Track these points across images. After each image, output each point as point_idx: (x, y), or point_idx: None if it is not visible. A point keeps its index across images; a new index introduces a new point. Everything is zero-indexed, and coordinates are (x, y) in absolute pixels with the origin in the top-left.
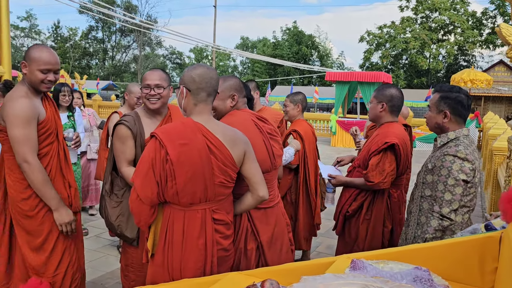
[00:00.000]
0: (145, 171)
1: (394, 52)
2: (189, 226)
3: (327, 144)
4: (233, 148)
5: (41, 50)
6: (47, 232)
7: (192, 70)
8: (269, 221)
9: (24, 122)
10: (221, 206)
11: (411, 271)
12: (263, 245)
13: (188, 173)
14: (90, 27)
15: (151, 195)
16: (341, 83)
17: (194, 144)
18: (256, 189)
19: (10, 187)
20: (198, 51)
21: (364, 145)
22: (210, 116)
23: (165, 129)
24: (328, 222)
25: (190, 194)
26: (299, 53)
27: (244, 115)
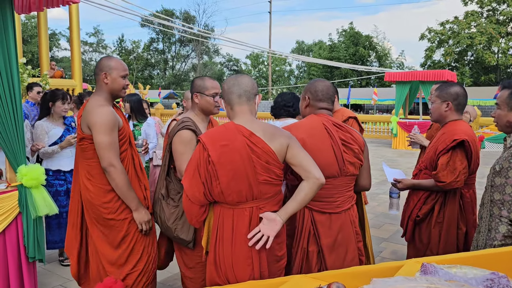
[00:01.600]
0: (192, 173)
1: (458, 48)
2: (238, 223)
3: (388, 146)
4: (272, 141)
5: (116, 59)
6: (126, 231)
7: (224, 82)
8: (332, 226)
9: (110, 129)
10: (270, 205)
11: (486, 276)
12: (323, 249)
13: (230, 172)
14: (152, 39)
15: (199, 195)
16: (401, 83)
17: (234, 145)
18: (309, 171)
19: (90, 192)
20: (254, 57)
21: (429, 146)
22: (251, 117)
23: (208, 133)
24: (391, 226)
25: (235, 192)
26: (356, 55)
27: (315, 120)
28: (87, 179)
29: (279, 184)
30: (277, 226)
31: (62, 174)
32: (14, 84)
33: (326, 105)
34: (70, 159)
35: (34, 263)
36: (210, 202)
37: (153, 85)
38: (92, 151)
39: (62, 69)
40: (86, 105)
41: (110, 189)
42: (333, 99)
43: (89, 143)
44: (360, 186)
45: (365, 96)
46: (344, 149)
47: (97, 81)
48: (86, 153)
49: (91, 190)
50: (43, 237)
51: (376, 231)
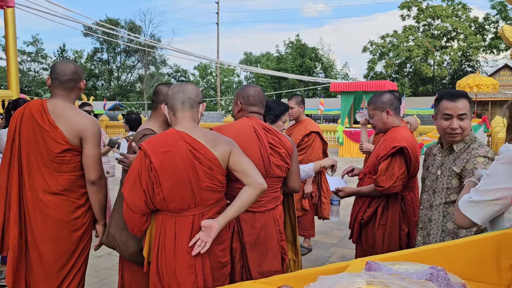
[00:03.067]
0: (132, 181)
1: (397, 60)
2: (180, 231)
3: (334, 154)
4: (215, 148)
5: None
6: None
7: (169, 89)
8: (256, 225)
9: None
10: (213, 212)
11: (426, 271)
12: (246, 246)
13: (172, 179)
14: (95, 49)
15: (139, 203)
16: (346, 94)
17: (176, 151)
18: (252, 177)
19: (58, 208)
20: (203, 68)
21: (373, 151)
22: (193, 124)
23: (149, 140)
24: (339, 232)
25: (178, 199)
26: (303, 66)
27: (246, 122)
28: (56, 195)
29: (221, 191)
30: (213, 232)
31: None
32: None
33: (257, 109)
34: None
35: None
36: (151, 210)
37: (97, 96)
38: (74, 164)
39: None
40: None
41: (81, 203)
42: (264, 104)
43: (74, 155)
44: (290, 188)
45: (312, 106)
46: (272, 152)
47: (71, 87)
48: (67, 166)
49: (61, 206)
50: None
51: (325, 236)
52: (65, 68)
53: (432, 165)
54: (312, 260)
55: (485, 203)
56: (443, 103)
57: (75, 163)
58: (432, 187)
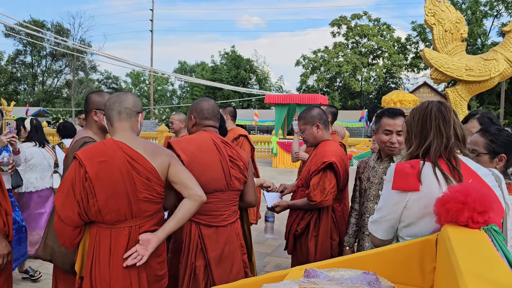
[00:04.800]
0: (65, 192)
1: (328, 75)
2: (116, 244)
3: (268, 165)
4: (154, 159)
5: None
6: None
7: (108, 98)
8: (219, 239)
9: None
10: (150, 224)
11: (360, 276)
12: (211, 263)
13: (108, 190)
14: (18, 51)
15: (72, 214)
16: (280, 106)
17: (114, 161)
18: (191, 189)
19: None
20: (135, 75)
21: (305, 165)
22: (132, 134)
23: (85, 149)
24: (274, 241)
25: (114, 211)
26: (238, 77)
27: (204, 135)
28: None
29: (159, 202)
30: (152, 245)
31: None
32: None
33: (212, 122)
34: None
35: None
36: (85, 222)
37: (19, 102)
38: None
39: None
40: None
41: None
42: (218, 117)
43: None
44: (246, 202)
45: (247, 117)
46: (231, 165)
47: None
48: None
49: None
50: None
51: (260, 246)
52: None
53: (374, 176)
54: None
55: (381, 220)
56: (384, 120)
57: None
58: (379, 196)
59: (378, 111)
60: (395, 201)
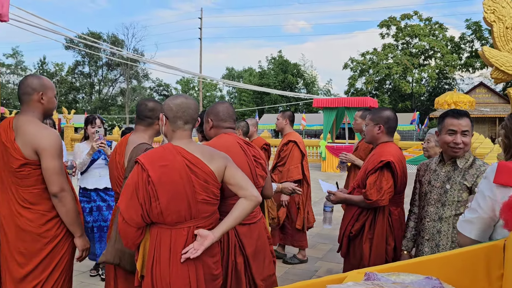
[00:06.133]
0: (129, 195)
1: (377, 77)
2: (175, 244)
3: (317, 169)
4: (211, 162)
5: (47, 78)
6: (59, 260)
7: (171, 100)
8: (253, 235)
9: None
10: (207, 224)
11: (422, 281)
12: (249, 258)
13: (169, 192)
14: (77, 62)
15: (136, 217)
16: (328, 109)
17: (174, 165)
18: (247, 189)
19: (29, 221)
20: (185, 82)
21: (362, 166)
22: (190, 139)
23: (146, 154)
24: (325, 246)
25: (174, 212)
26: (285, 82)
27: (229, 138)
28: (23, 207)
29: (216, 203)
30: (207, 241)
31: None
32: None
33: (230, 124)
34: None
35: None
36: (147, 224)
37: (78, 110)
38: (35, 178)
39: None
40: (24, 127)
41: (52, 216)
42: (234, 118)
43: (33, 169)
44: (265, 196)
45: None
46: (256, 164)
47: (27, 101)
48: (27, 180)
49: (30, 219)
50: None
51: (311, 251)
52: (20, 83)
53: (436, 180)
54: (298, 274)
55: (476, 219)
56: (447, 120)
57: (35, 177)
58: (441, 200)
59: (442, 113)
60: (496, 197)
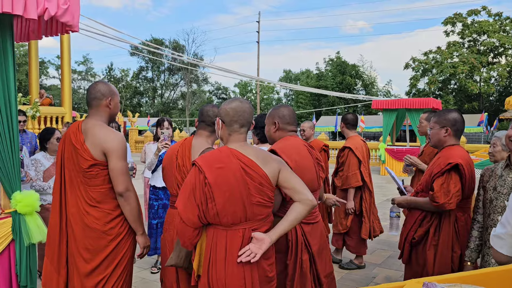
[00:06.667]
0: (186, 196)
1: (441, 77)
2: (231, 244)
3: (376, 173)
4: (266, 166)
5: (112, 85)
6: (122, 254)
7: (227, 104)
8: (316, 234)
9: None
10: (262, 226)
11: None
12: (314, 255)
13: (225, 194)
14: (141, 67)
15: (193, 217)
16: (388, 111)
17: (229, 167)
18: (303, 194)
19: (95, 219)
20: (243, 85)
21: (426, 169)
22: (246, 142)
23: (203, 156)
24: (384, 252)
25: (230, 214)
26: (343, 83)
27: (296, 140)
28: (90, 206)
29: (270, 206)
30: (265, 245)
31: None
32: (12, 113)
33: (294, 127)
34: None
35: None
36: (203, 224)
37: (141, 113)
38: (102, 178)
39: (51, 96)
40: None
41: (117, 214)
42: (296, 122)
43: (101, 170)
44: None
45: None
46: (319, 167)
47: (96, 105)
48: (95, 180)
49: (96, 216)
50: (36, 265)
51: (369, 257)
52: (89, 88)
53: (502, 186)
54: (355, 280)
55: (505, 235)
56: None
57: (103, 177)
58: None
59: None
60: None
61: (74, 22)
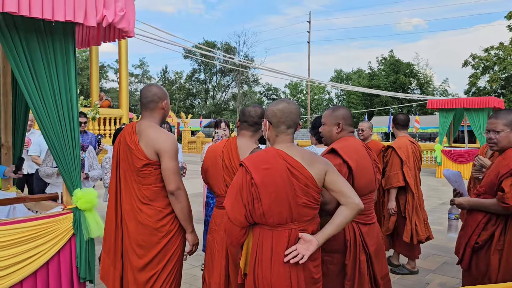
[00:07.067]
0: (234, 196)
1: (504, 74)
2: (277, 245)
3: (431, 175)
4: (311, 167)
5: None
6: (172, 254)
7: (275, 106)
8: (373, 235)
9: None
10: (307, 226)
11: None
12: (372, 256)
13: (272, 194)
14: (194, 70)
15: (240, 216)
16: (445, 111)
17: (276, 168)
18: (350, 197)
19: (148, 217)
20: (293, 86)
21: (489, 170)
22: (292, 143)
23: (250, 157)
24: (438, 258)
25: (276, 214)
26: (396, 82)
27: (355, 140)
28: (143, 204)
29: (316, 208)
30: (313, 247)
31: None
32: (73, 114)
33: (353, 129)
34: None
35: (84, 284)
36: (250, 224)
37: (194, 114)
38: (155, 177)
39: (110, 98)
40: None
41: (168, 212)
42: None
43: (154, 169)
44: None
45: None
46: (376, 169)
47: (152, 108)
48: (148, 178)
49: (148, 214)
50: (94, 258)
51: (423, 262)
52: (145, 91)
53: None
54: (407, 285)
55: None
56: None
57: (155, 176)
58: None
59: None
60: None
61: (130, 28)
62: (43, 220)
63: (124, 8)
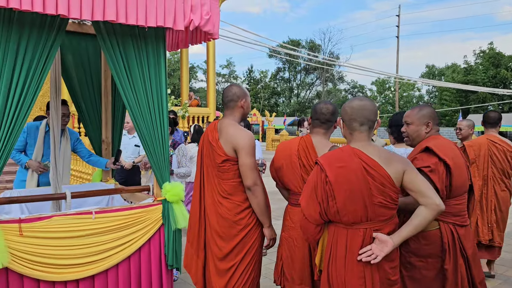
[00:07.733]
0: (309, 193)
1: None
2: (351, 243)
3: None
4: (389, 166)
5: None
6: (250, 247)
7: (347, 103)
8: (470, 238)
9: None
10: (384, 226)
11: None
12: (469, 260)
13: (346, 192)
14: (278, 68)
15: (314, 214)
16: None
17: (350, 166)
18: (430, 197)
19: (226, 209)
20: (380, 83)
21: None
22: (368, 141)
23: (325, 155)
24: None
25: (350, 212)
26: (496, 77)
27: (446, 139)
28: (223, 197)
29: (394, 208)
30: (388, 248)
31: None
32: (163, 112)
33: (438, 128)
34: None
35: (171, 271)
36: (325, 221)
37: (278, 113)
38: (233, 172)
39: (199, 97)
40: (226, 129)
41: (246, 206)
42: None
43: (232, 165)
44: None
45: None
46: (467, 170)
47: (232, 106)
48: (227, 174)
49: (228, 207)
50: (181, 248)
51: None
52: (226, 91)
53: None
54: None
55: None
56: None
57: (233, 171)
58: None
59: None
60: None
61: (214, 30)
62: (136, 210)
63: (209, 11)
